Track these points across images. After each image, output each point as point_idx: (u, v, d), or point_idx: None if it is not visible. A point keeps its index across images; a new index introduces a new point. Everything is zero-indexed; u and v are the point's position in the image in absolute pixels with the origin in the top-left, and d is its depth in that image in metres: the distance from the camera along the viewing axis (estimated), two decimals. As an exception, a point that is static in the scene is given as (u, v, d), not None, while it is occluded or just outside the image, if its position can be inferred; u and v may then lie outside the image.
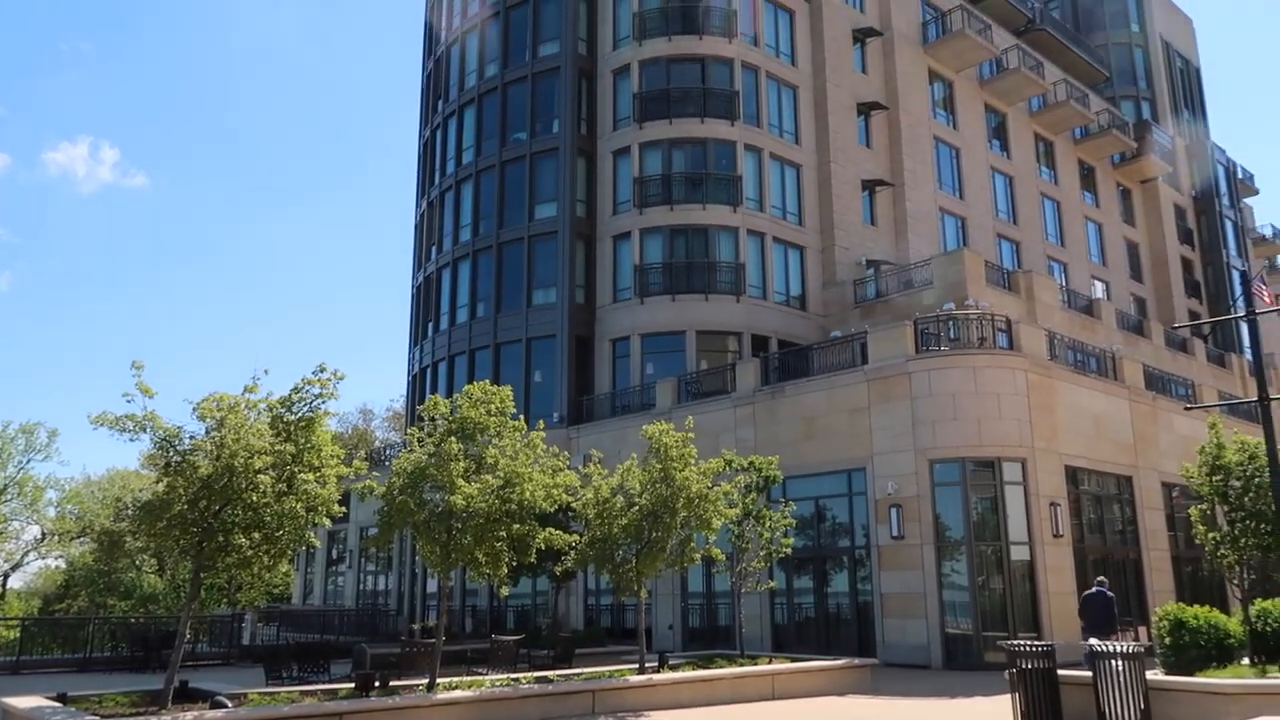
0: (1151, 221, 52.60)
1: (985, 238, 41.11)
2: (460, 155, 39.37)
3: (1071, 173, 48.03)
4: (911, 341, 24.45)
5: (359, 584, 42.09)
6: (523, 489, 14.84)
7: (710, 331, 33.16)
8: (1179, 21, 62.05)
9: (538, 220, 35.89)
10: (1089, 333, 33.77)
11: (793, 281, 35.25)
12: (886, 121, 39.10)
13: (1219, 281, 53.59)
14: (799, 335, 33.60)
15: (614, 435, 29.97)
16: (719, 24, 35.54)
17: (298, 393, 13.84)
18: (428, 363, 38.78)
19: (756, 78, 35.85)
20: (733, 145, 34.60)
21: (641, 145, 35.01)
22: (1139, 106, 56.71)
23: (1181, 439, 28.36)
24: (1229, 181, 57.01)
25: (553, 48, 37.29)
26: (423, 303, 40.57)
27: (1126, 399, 27.55)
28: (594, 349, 34.50)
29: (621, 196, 35.28)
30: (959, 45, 40.97)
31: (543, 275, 35.41)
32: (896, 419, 23.85)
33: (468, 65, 40.06)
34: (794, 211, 35.87)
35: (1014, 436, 23.31)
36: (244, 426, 13.33)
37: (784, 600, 25.98)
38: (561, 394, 33.54)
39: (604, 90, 36.70)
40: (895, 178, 38.38)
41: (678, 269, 33.76)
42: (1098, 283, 46.97)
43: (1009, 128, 44.70)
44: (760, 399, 27.34)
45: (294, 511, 13.39)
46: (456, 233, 38.65)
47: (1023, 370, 23.88)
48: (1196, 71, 62.42)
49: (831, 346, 27.60)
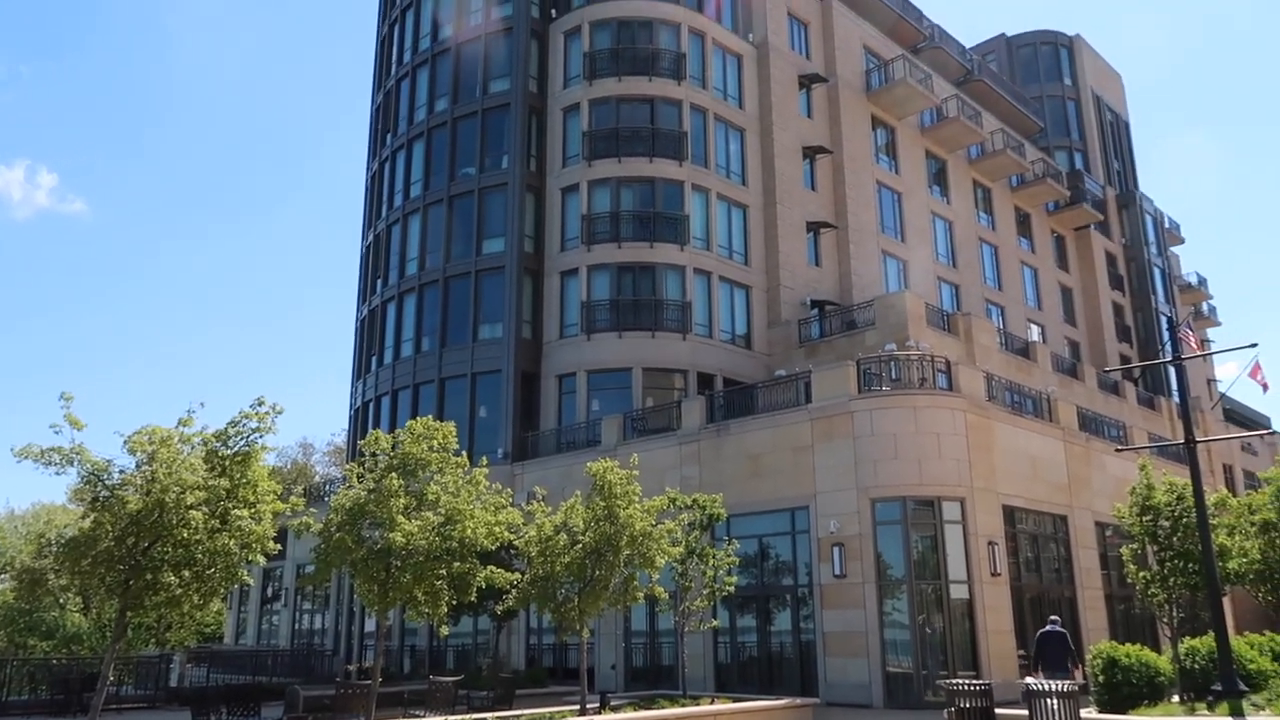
0: (1084, 268, 54.27)
1: (926, 280, 42.01)
2: (408, 188, 39.23)
3: (1008, 219, 49.43)
4: (854, 381, 24.79)
5: (294, 623, 41.00)
6: (464, 526, 14.67)
7: (656, 369, 33.26)
8: (1109, 77, 64.60)
9: (485, 255, 35.81)
10: (1025, 375, 34.57)
11: (738, 320, 35.60)
12: (831, 165, 39.92)
13: (1148, 326, 55.37)
14: (744, 374, 33.87)
15: (559, 472, 29.82)
16: (668, 66, 36.10)
17: (234, 426, 13.57)
18: (371, 397, 38.25)
19: (705, 119, 36.40)
20: (681, 185, 35.01)
21: (590, 183, 35.25)
22: (1072, 157, 58.75)
23: (1114, 479, 29.08)
24: (1157, 231, 59.15)
25: (503, 84, 37.49)
26: (367, 336, 40.11)
27: (1061, 440, 28.20)
28: (540, 385, 34.37)
29: (570, 233, 35.40)
30: (901, 93, 42.10)
31: (489, 310, 35.28)
32: (839, 458, 24.09)
33: (418, 99, 40.04)
34: (740, 251, 36.32)
35: (953, 476, 23.68)
36: (176, 460, 13.01)
37: (727, 639, 25.91)
38: (506, 430, 33.30)
39: (554, 127, 36.94)
40: (839, 220, 39.12)
41: (625, 306, 33.89)
42: (1034, 326, 48.21)
43: (949, 174, 45.94)
44: (705, 437, 27.44)
45: (227, 548, 13.07)
46: (403, 266, 38.38)
47: (962, 411, 24.33)
48: (1126, 125, 64.95)
49: (776, 385, 27.85)
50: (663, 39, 36.66)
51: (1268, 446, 50.65)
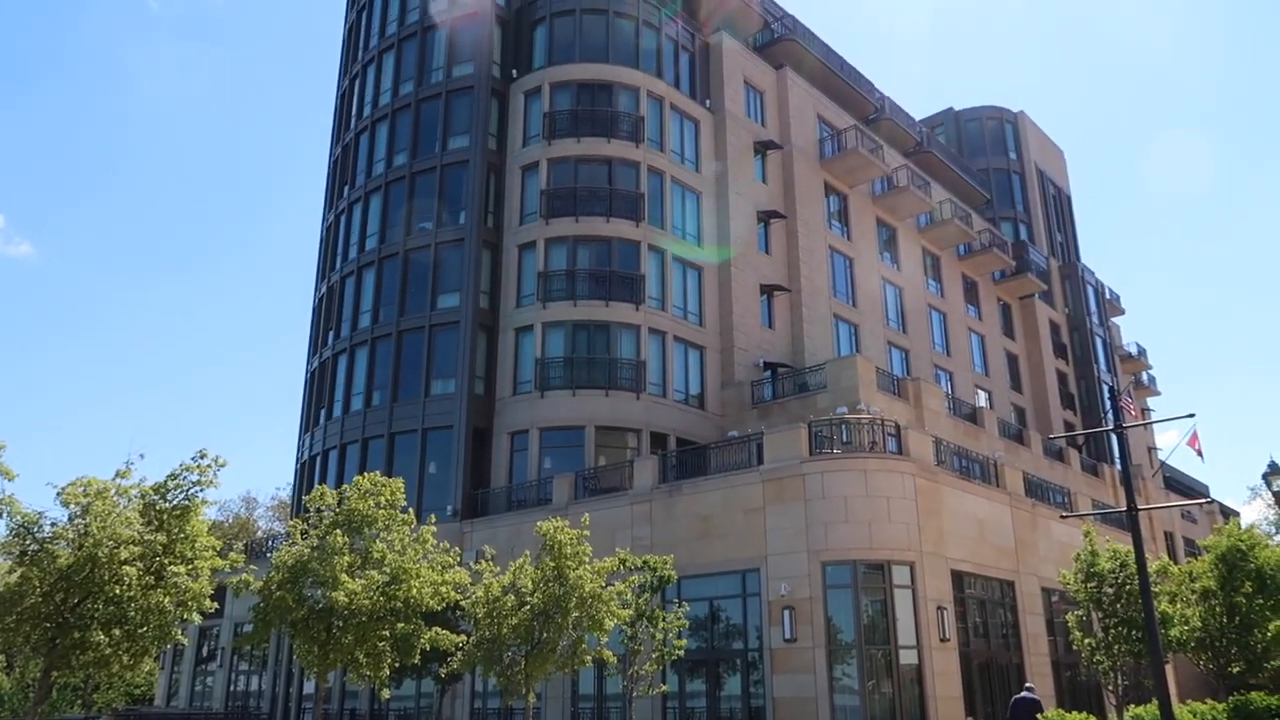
0: (1030, 336, 55.58)
1: (877, 345, 42.66)
2: (364, 241, 39.07)
3: (956, 286, 50.58)
4: (806, 444, 24.93)
5: (230, 685, 39.52)
6: (409, 586, 14.40)
7: (610, 428, 33.17)
8: (1052, 152, 67.00)
9: (440, 309, 35.66)
10: (973, 440, 35.06)
11: (692, 380, 35.74)
12: (785, 230, 40.63)
13: (1091, 394, 56.65)
14: (697, 434, 33.90)
15: (509, 530, 29.41)
16: (627, 129, 36.68)
17: (174, 479, 13.25)
18: (318, 450, 37.55)
19: (662, 181, 36.94)
20: (637, 245, 35.33)
21: (547, 240, 35.42)
22: (1017, 228, 60.52)
23: (1059, 545, 29.44)
24: (1098, 301, 60.89)
25: (463, 141, 37.75)
26: (316, 389, 39.52)
27: (1008, 505, 28.53)
28: (492, 442, 34.05)
29: (526, 290, 35.44)
30: (852, 162, 43.19)
31: (442, 365, 35.02)
32: (790, 520, 24.09)
33: (376, 153, 40.12)
34: (695, 312, 36.62)
35: (903, 540, 23.79)
36: (112, 514, 12.63)
37: (676, 704, 25.49)
38: (456, 487, 32.84)
39: (512, 185, 37.20)
40: (793, 284, 39.70)
41: (579, 364, 33.86)
42: (981, 392, 49.07)
43: (899, 241, 47.00)
44: (658, 497, 27.31)
45: (161, 606, 12.65)
46: (356, 318, 38.05)
47: (911, 475, 24.54)
48: (1068, 198, 67.23)
49: (728, 446, 27.90)
50: (622, 102, 37.29)
51: (1206, 515, 51.76)
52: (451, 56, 39.20)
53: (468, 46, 39.04)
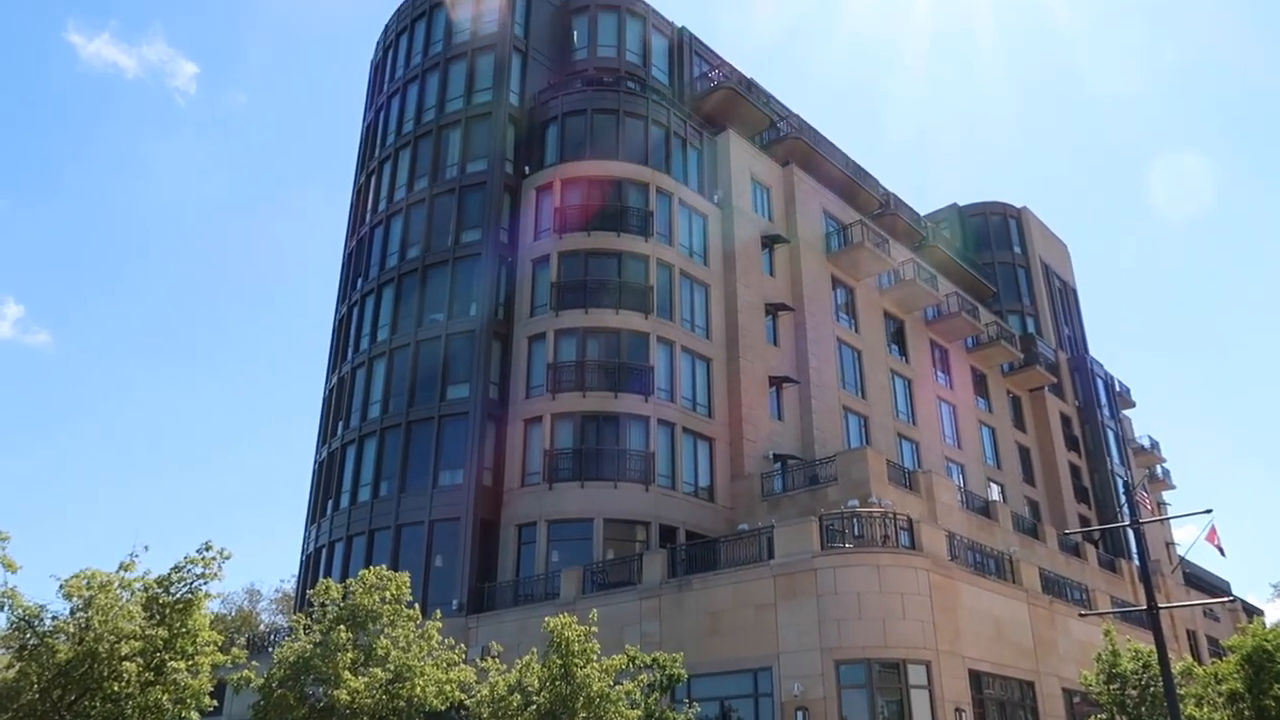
0: (1041, 428, 55.25)
1: (887, 437, 42.43)
2: (375, 332, 39.42)
3: (965, 379, 50.55)
4: (817, 537, 24.58)
5: (223, 787, 38.26)
6: (413, 684, 14.06)
7: (618, 520, 32.81)
8: (1056, 247, 67.77)
9: (449, 400, 35.73)
10: (987, 534, 34.53)
11: (701, 472, 35.49)
12: (793, 322, 40.89)
13: (1105, 488, 55.98)
14: (707, 527, 33.50)
15: (515, 625, 28.83)
16: (636, 223, 37.31)
17: (178, 572, 13.11)
18: (324, 542, 37.16)
19: (671, 274, 37.39)
20: (646, 337, 35.56)
21: (557, 332, 35.69)
22: (1024, 320, 60.80)
23: (1079, 644, 28.68)
24: (1109, 394, 60.71)
25: (475, 235, 38.40)
26: (324, 479, 39.32)
27: (1025, 602, 27.92)
28: (499, 534, 33.67)
29: (535, 381, 35.55)
30: (858, 256, 43.72)
31: (451, 456, 34.89)
32: (803, 616, 23.59)
33: (390, 246, 40.80)
34: (704, 403, 36.60)
35: (918, 638, 23.22)
36: (114, 607, 12.45)
37: (686, 811, 24.52)
38: (463, 580, 32.35)
39: (523, 277, 37.67)
40: (801, 375, 39.75)
41: (588, 455, 33.71)
42: (993, 485, 48.55)
43: (907, 334, 47.20)
44: (667, 591, 26.83)
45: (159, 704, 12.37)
46: (365, 409, 38.12)
47: (925, 570, 24.10)
48: (1074, 291, 67.70)
49: (739, 540, 27.53)
50: (631, 197, 38.03)
51: (1229, 613, 50.51)
52: (465, 154, 40.20)
53: (481, 144, 40.08)
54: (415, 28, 44.97)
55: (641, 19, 45.11)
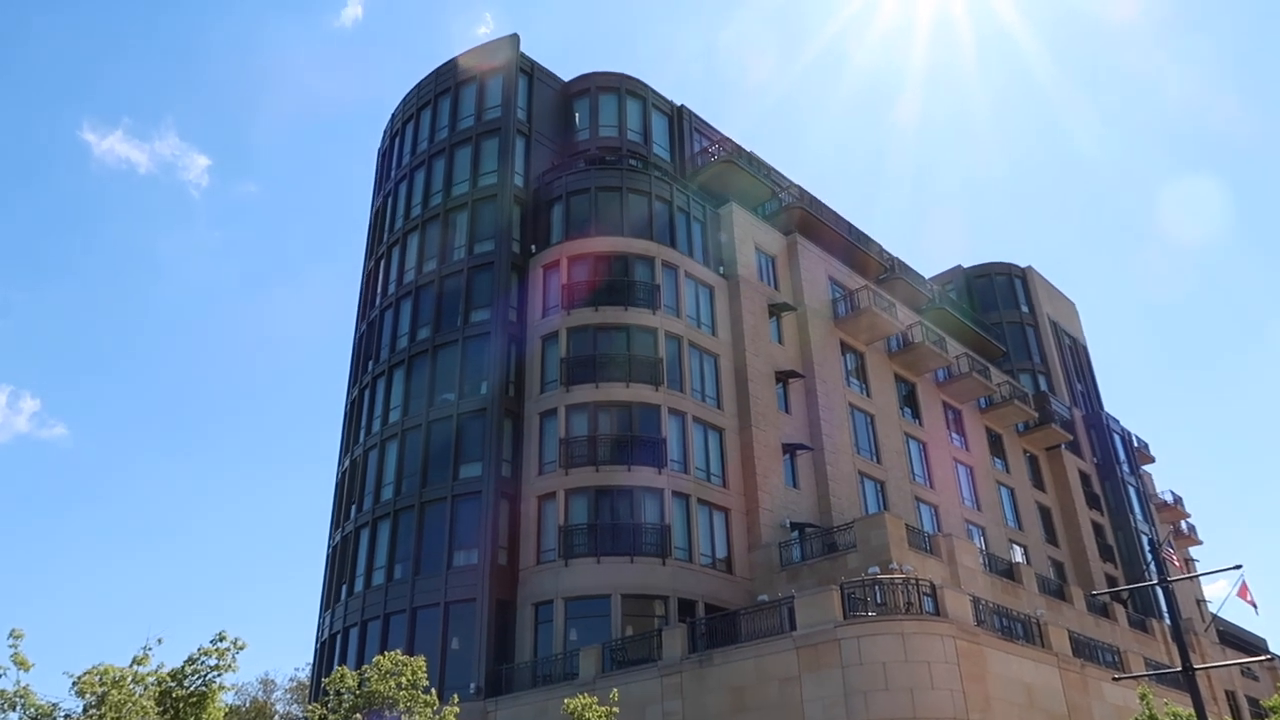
0: (1060, 487, 54.57)
1: (904, 501, 41.96)
2: (387, 414, 39.51)
3: (980, 440, 50.17)
4: (839, 606, 24.14)
5: None
6: (432, 772, 13.68)
7: (636, 595, 32.36)
8: (1063, 304, 67.85)
9: (462, 480, 35.60)
10: (1012, 597, 33.87)
11: (718, 544, 35.08)
12: (804, 388, 40.84)
13: (1130, 546, 54.99)
14: (726, 599, 32.96)
15: (534, 708, 28.25)
16: (644, 297, 37.61)
17: (192, 664, 12.93)
18: (339, 628, 36.67)
19: (680, 346, 37.53)
20: (657, 409, 35.53)
21: (568, 407, 35.70)
22: (1036, 379, 60.56)
23: (1114, 709, 27.86)
24: (1127, 450, 60.05)
25: (484, 314, 38.72)
26: (338, 564, 39.00)
27: (1056, 667, 27.22)
28: (515, 614, 33.20)
29: (548, 456, 35.44)
30: (866, 321, 43.84)
31: (464, 536, 34.62)
32: (828, 689, 23.04)
33: (400, 328, 41.15)
34: (718, 474, 36.36)
35: (948, 708, 22.61)
36: (127, 703, 12.25)
37: None
38: (480, 662, 31.78)
39: (532, 354, 37.86)
40: (814, 441, 39.53)
41: (603, 530, 33.41)
42: (1016, 546, 47.77)
43: (919, 396, 47.02)
44: (688, 667, 26.29)
45: (173, 803, 12.07)
46: (378, 491, 37.99)
47: (951, 637, 23.59)
48: (1084, 348, 67.53)
49: (759, 612, 27.05)
50: (638, 272, 38.41)
51: (1268, 671, 49.08)
52: (473, 235, 40.79)
53: (488, 225, 40.69)
54: (421, 116, 46.09)
55: (641, 99, 46.17)
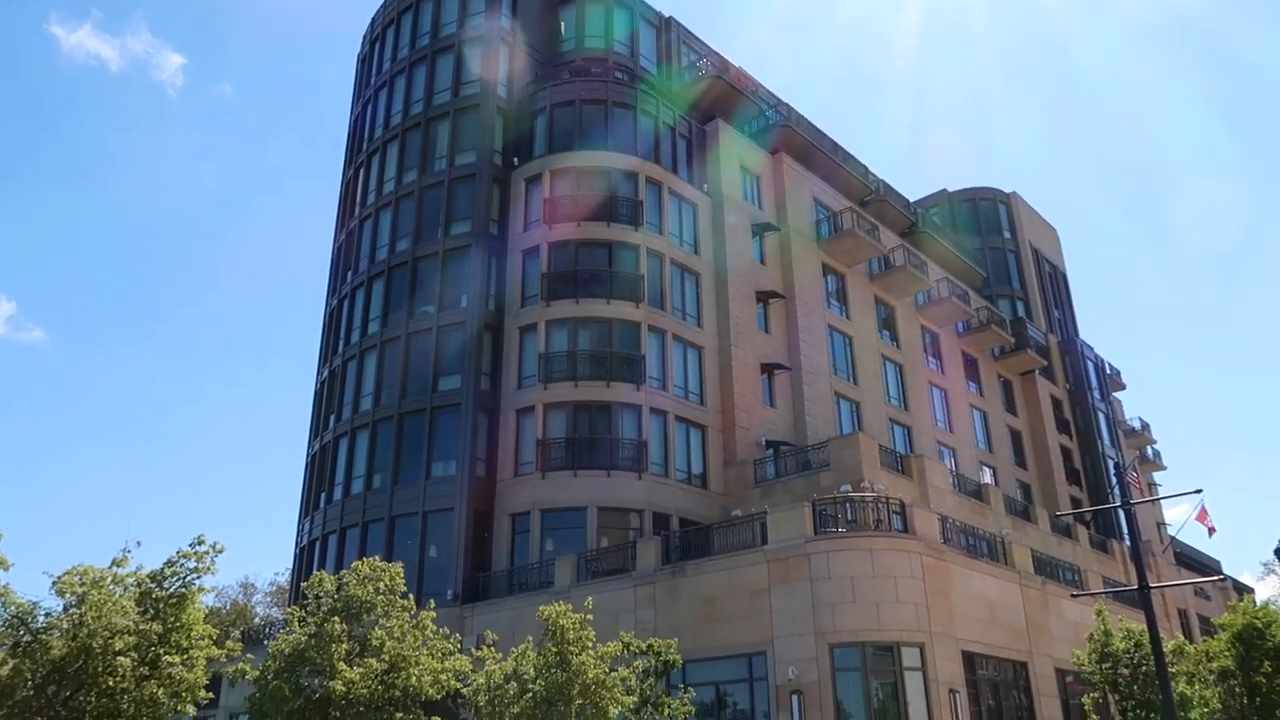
0: (1032, 411, 55.46)
1: (879, 422, 42.56)
2: (366, 325, 39.37)
3: (956, 363, 50.69)
4: (810, 523, 24.67)
5: (221, 781, 38.34)
6: (409, 674, 14.08)
7: (612, 508, 32.89)
8: (1045, 231, 67.85)
9: (441, 392, 35.71)
10: (979, 517, 34.70)
11: (694, 460, 35.57)
12: (784, 309, 40.94)
13: (1096, 470, 56.25)
14: (700, 514, 33.60)
15: (510, 614, 28.90)
16: (626, 213, 37.27)
17: (171, 566, 13.12)
18: (317, 535, 37.17)
19: (661, 264, 37.38)
20: (637, 326, 35.57)
21: (549, 322, 35.68)
22: (1014, 305, 60.90)
23: (1071, 624, 28.86)
24: (1099, 376, 60.93)
25: (464, 226, 38.32)
26: (317, 472, 39.32)
27: (1018, 584, 28.07)
28: (493, 524, 33.73)
29: (527, 371, 35.55)
30: (849, 243, 43.76)
31: (443, 448, 34.90)
32: (797, 601, 23.70)
33: (380, 239, 40.69)
34: (696, 391, 36.66)
35: (912, 621, 23.35)
36: (107, 603, 12.46)
37: (683, 796, 24.66)
38: (457, 570, 32.40)
39: (513, 269, 37.62)
40: (793, 362, 39.82)
41: (581, 445, 33.76)
42: (985, 468, 48.74)
43: (898, 320, 47.29)
44: (661, 578, 26.92)
45: (155, 698, 12.39)
46: (357, 401, 38.09)
47: (918, 553, 24.22)
48: (1063, 275, 67.83)
49: (732, 526, 27.62)
50: (621, 188, 37.98)
51: (1220, 592, 50.88)
52: (454, 146, 40.07)
53: (470, 136, 39.95)
54: (402, 20, 44.75)
55: (629, 9, 44.94)
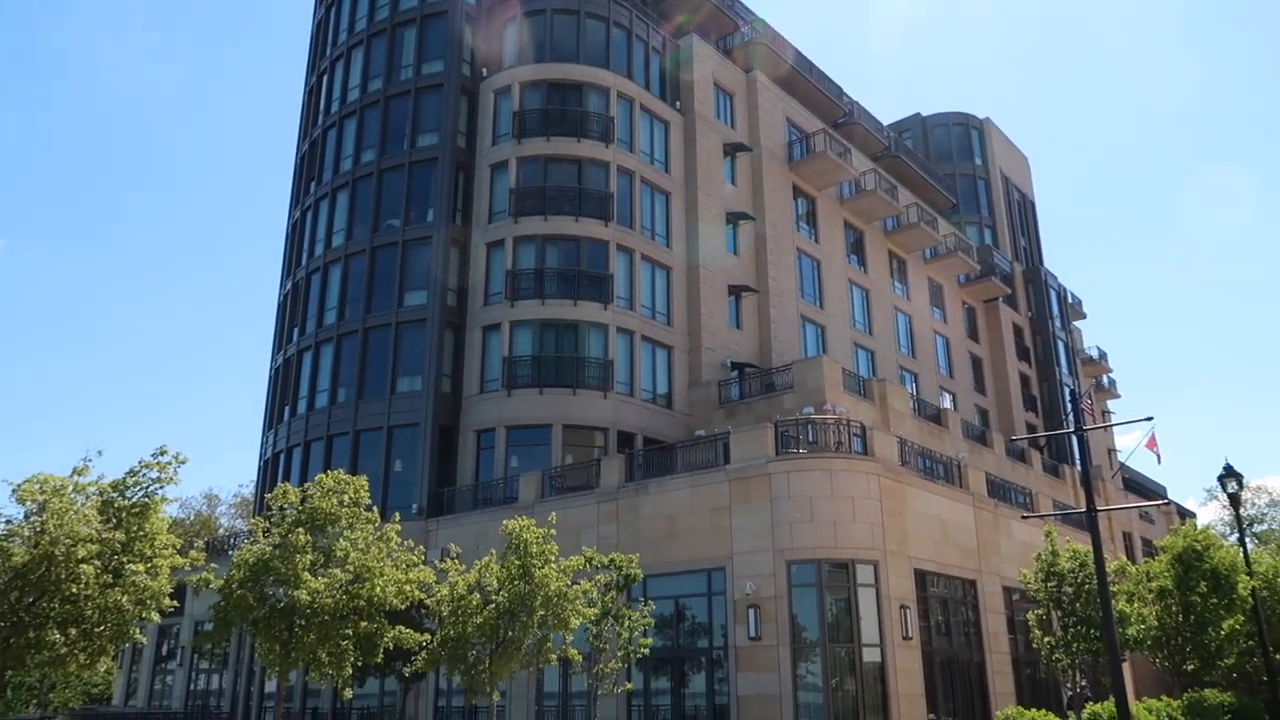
0: (993, 339, 56.25)
1: (843, 346, 42.97)
2: (330, 238, 38.72)
3: (922, 289, 51.07)
4: (772, 443, 25.05)
5: (190, 684, 38.98)
6: (373, 585, 14.27)
7: (577, 426, 33.13)
8: (1016, 158, 67.85)
9: (407, 307, 35.43)
10: (937, 441, 35.42)
11: (660, 380, 35.79)
12: (753, 231, 40.81)
13: (1053, 397, 57.46)
14: (664, 433, 33.97)
15: (475, 529, 29.29)
16: (597, 129, 36.64)
17: (133, 476, 13.08)
18: (282, 448, 37.16)
19: (631, 182, 36.96)
20: (606, 245, 35.33)
21: (516, 239, 35.32)
22: (982, 232, 61.23)
23: (1021, 545, 29.82)
24: (1061, 305, 61.77)
25: (431, 139, 37.52)
26: (281, 385, 39.10)
27: (971, 505, 28.86)
28: (458, 440, 33.89)
29: (494, 288, 35.31)
30: (820, 165, 43.47)
31: (409, 363, 34.80)
32: (756, 519, 24.21)
33: (344, 150, 39.75)
34: (663, 312, 36.68)
35: (867, 539, 23.99)
36: (69, 511, 12.43)
37: (641, 702, 25.52)
38: (422, 485, 32.65)
39: (481, 183, 37.03)
40: (760, 285, 39.88)
41: (547, 363, 33.80)
42: (945, 393, 49.56)
43: (866, 244, 47.37)
44: (624, 496, 27.32)
45: (119, 605, 12.48)
46: (321, 315, 37.69)
47: (876, 475, 24.75)
48: (1032, 204, 68.15)
49: (695, 446, 27.98)
50: (592, 102, 37.25)
51: (1164, 516, 52.69)
52: (421, 54, 38.94)
53: (438, 44, 38.82)
54: (366, -83, 42.89)
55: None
